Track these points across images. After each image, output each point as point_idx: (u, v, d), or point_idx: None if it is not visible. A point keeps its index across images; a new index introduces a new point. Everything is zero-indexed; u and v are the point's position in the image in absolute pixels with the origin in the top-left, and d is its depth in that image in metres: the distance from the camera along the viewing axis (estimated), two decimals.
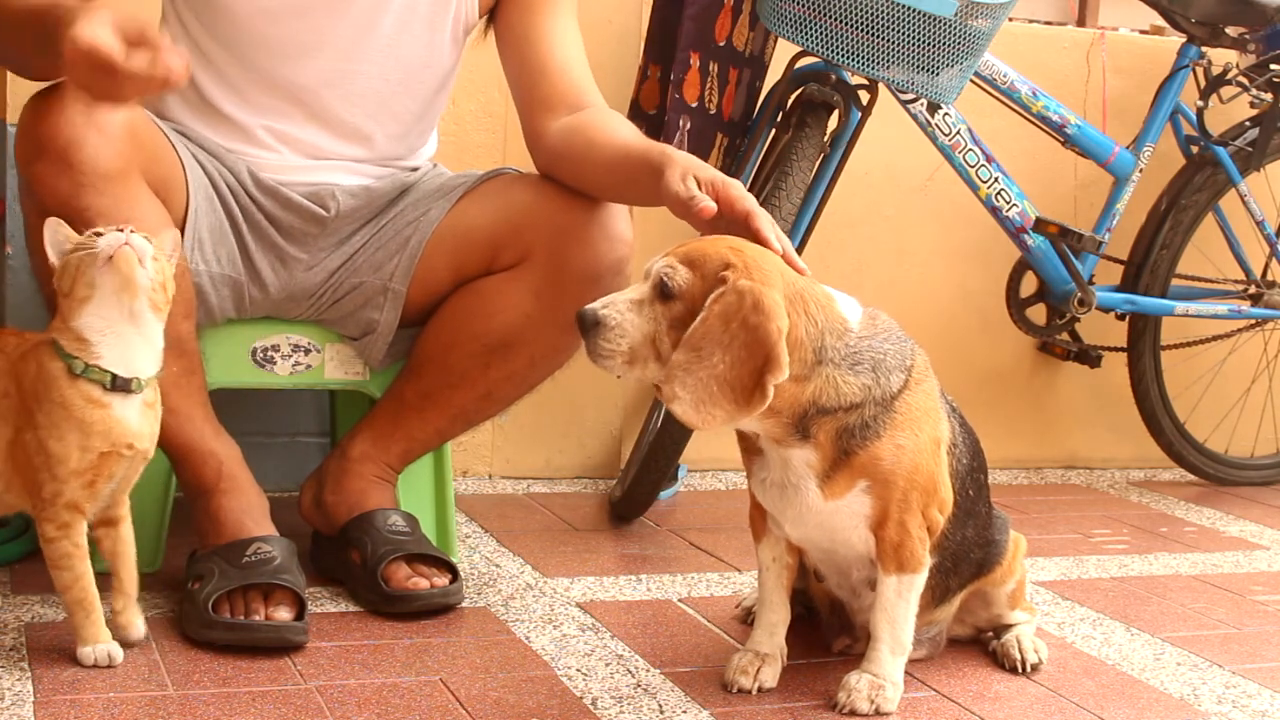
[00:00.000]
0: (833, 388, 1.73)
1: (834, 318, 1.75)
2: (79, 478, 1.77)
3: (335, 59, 2.11)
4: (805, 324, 1.71)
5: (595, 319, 1.74)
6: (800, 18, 2.56)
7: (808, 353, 1.71)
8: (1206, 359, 3.51)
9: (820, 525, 1.83)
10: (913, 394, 1.79)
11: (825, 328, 1.73)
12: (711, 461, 3.17)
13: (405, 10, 2.17)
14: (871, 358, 1.75)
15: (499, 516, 2.73)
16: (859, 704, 1.84)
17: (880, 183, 3.28)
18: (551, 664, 1.97)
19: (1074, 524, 2.98)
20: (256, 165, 2.16)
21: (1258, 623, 2.37)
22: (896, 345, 1.79)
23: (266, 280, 2.19)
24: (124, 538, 1.89)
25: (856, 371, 1.74)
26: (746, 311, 1.67)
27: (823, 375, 1.72)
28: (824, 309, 1.74)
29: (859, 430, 1.75)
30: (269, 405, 2.74)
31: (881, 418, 1.75)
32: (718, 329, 1.68)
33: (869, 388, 1.74)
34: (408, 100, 2.22)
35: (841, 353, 1.73)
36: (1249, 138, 3.25)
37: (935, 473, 1.82)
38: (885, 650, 1.86)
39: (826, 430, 1.74)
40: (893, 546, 1.82)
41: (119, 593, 1.89)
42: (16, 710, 1.69)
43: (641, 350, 1.74)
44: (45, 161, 1.89)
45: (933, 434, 1.81)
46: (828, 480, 1.77)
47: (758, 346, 1.66)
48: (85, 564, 1.81)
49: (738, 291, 1.68)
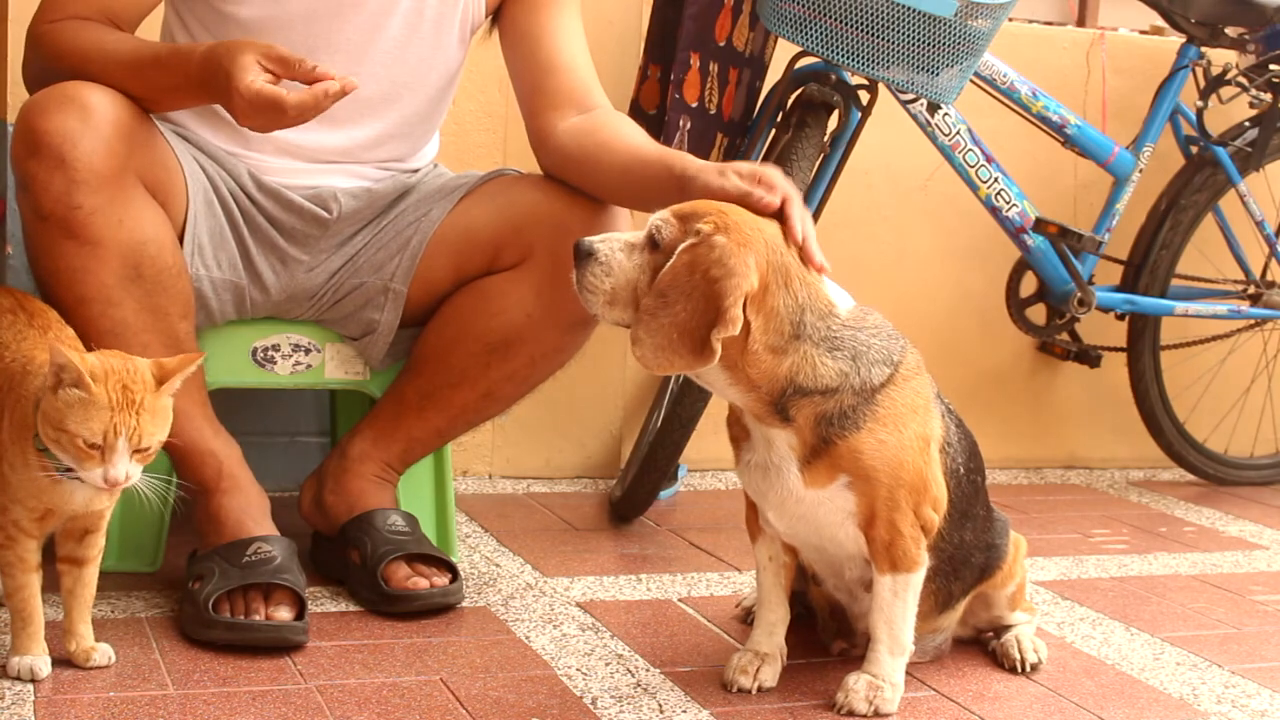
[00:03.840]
0: (810, 366, 1.74)
1: (818, 297, 1.76)
2: (27, 511, 1.73)
3: (343, 63, 2.10)
4: (784, 296, 1.73)
5: (589, 250, 1.78)
6: (800, 18, 2.56)
7: (784, 324, 1.73)
8: (1206, 359, 3.51)
9: (804, 517, 1.83)
10: (898, 390, 1.78)
11: (807, 304, 1.74)
12: (711, 461, 3.17)
13: (412, 13, 2.17)
14: (853, 346, 1.76)
15: (499, 516, 2.73)
16: (857, 704, 1.84)
17: (880, 183, 3.28)
18: (551, 664, 1.97)
19: (1074, 524, 2.98)
20: (257, 168, 2.16)
21: (1257, 623, 2.37)
22: (883, 341, 1.79)
23: (268, 282, 2.19)
24: (85, 580, 1.80)
25: (835, 356, 1.74)
26: (710, 264, 1.70)
27: (800, 351, 1.73)
28: (808, 286, 1.75)
29: (837, 419, 1.75)
30: (269, 405, 2.74)
31: (862, 409, 1.75)
32: (683, 277, 1.71)
33: (846, 374, 1.75)
34: (414, 102, 2.22)
35: (822, 333, 1.74)
36: (1249, 138, 3.25)
37: (924, 470, 1.81)
38: (884, 651, 1.86)
39: (805, 414, 1.75)
40: (884, 545, 1.82)
41: (69, 633, 1.81)
42: (16, 710, 1.69)
43: (622, 293, 1.77)
44: (39, 160, 1.89)
45: (919, 431, 1.80)
46: (808, 466, 1.78)
47: (714, 299, 1.68)
48: (28, 576, 1.75)
49: (708, 244, 1.71)
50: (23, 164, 1.91)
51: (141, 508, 2.20)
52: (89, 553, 1.81)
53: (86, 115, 1.90)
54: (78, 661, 1.82)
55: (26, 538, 1.75)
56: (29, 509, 1.73)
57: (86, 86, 1.92)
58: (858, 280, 3.24)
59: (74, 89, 1.91)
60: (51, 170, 1.89)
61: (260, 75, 1.85)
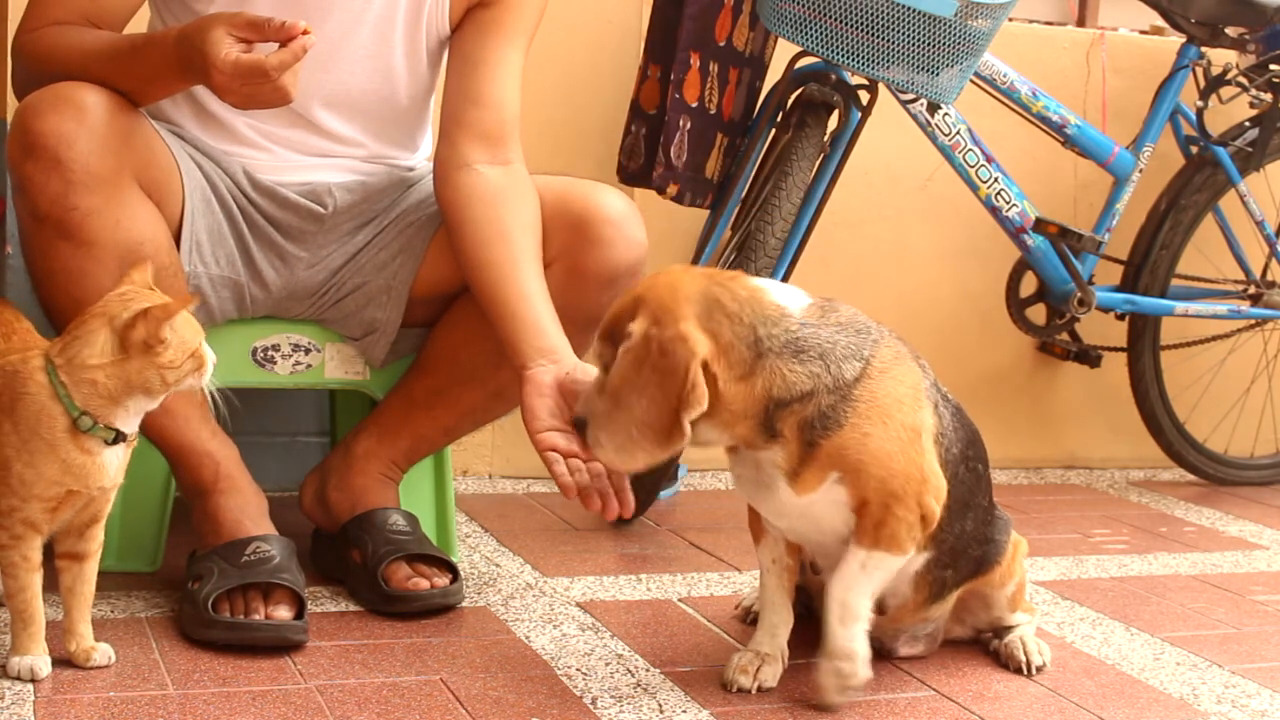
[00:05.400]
0: (779, 377, 1.73)
1: (762, 307, 1.74)
2: (43, 503, 1.74)
3: (313, 68, 2.09)
4: (729, 326, 1.72)
5: (581, 422, 1.82)
6: (800, 18, 2.56)
7: (743, 350, 1.72)
8: (1206, 359, 3.51)
9: (802, 516, 1.84)
10: (876, 383, 1.76)
11: (754, 320, 1.73)
12: (711, 461, 3.17)
13: (383, 23, 2.15)
14: (818, 345, 1.74)
15: (499, 516, 2.73)
16: (828, 697, 1.84)
17: (880, 183, 3.28)
18: (551, 664, 1.97)
19: (1074, 524, 2.98)
20: (251, 166, 2.16)
21: (1257, 623, 2.37)
22: (850, 336, 1.77)
23: (268, 279, 2.19)
24: (85, 576, 1.81)
25: (802, 360, 1.74)
26: (654, 356, 1.71)
27: (767, 367, 1.73)
28: (747, 303, 1.74)
29: (819, 421, 1.74)
30: (269, 405, 2.74)
31: (841, 407, 1.75)
32: (631, 376, 1.73)
33: (818, 375, 1.74)
34: (388, 110, 2.21)
35: (782, 340, 1.73)
36: (1249, 138, 3.25)
37: (919, 460, 1.79)
38: (834, 621, 1.82)
39: (789, 424, 1.75)
40: (873, 523, 1.79)
41: (70, 633, 1.82)
42: (16, 710, 1.69)
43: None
44: (35, 161, 1.89)
45: (906, 422, 1.78)
46: (796, 478, 1.77)
47: (671, 386, 1.70)
48: (31, 576, 1.76)
49: (643, 338, 1.73)
50: (18, 165, 1.91)
51: (141, 507, 2.21)
52: (90, 546, 1.82)
53: (82, 116, 1.89)
54: (78, 661, 1.82)
55: (34, 535, 1.75)
56: (46, 500, 1.74)
57: (81, 87, 1.92)
58: (858, 280, 3.27)
59: (68, 89, 1.91)
60: (47, 171, 1.89)
61: (234, 46, 1.83)
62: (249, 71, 1.82)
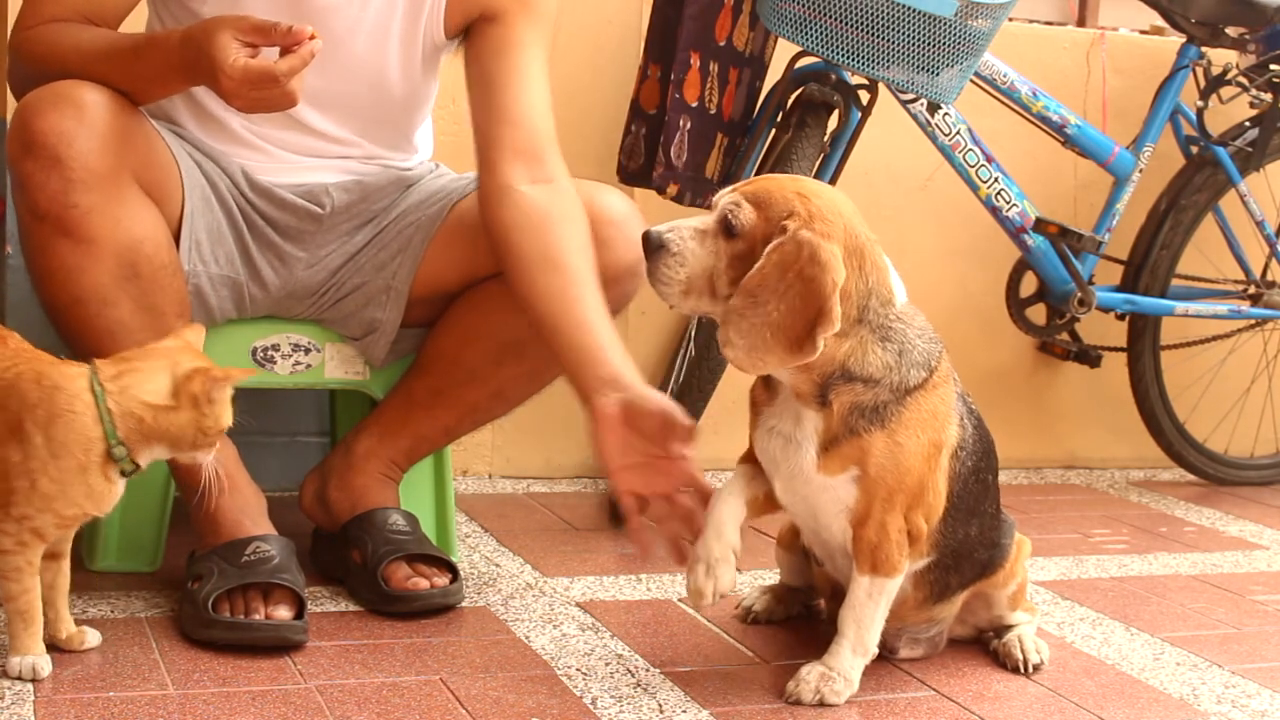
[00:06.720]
0: (862, 351, 1.76)
1: (884, 284, 1.78)
2: (58, 519, 1.77)
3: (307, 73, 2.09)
4: (857, 279, 1.75)
5: (660, 242, 1.78)
6: (800, 18, 2.56)
7: (852, 307, 1.75)
8: (1206, 359, 3.51)
9: (806, 499, 1.84)
10: (928, 395, 1.80)
11: (874, 290, 1.77)
12: (711, 461, 3.15)
13: (378, 30, 2.14)
14: (901, 341, 1.78)
15: (499, 516, 2.73)
16: (804, 694, 1.85)
17: (880, 183, 3.28)
18: (551, 664, 1.97)
19: (1074, 524, 2.98)
20: (249, 167, 2.15)
21: (1257, 623, 2.37)
22: (926, 343, 1.81)
23: (267, 279, 2.19)
24: (65, 571, 1.86)
25: (885, 347, 1.77)
26: (804, 263, 1.70)
27: (858, 335, 1.75)
28: (878, 271, 1.78)
29: (869, 412, 1.76)
30: (269, 405, 2.73)
31: (892, 408, 1.77)
32: (774, 278, 1.71)
33: (890, 368, 1.76)
34: (382, 112, 2.21)
35: (880, 320, 1.77)
36: (1249, 138, 3.25)
37: (926, 478, 1.82)
38: (846, 647, 1.86)
39: (842, 400, 1.76)
40: (870, 547, 1.82)
41: (57, 623, 1.86)
42: (16, 710, 1.69)
43: (698, 282, 1.78)
44: (35, 159, 1.89)
45: (934, 438, 1.81)
46: (826, 451, 1.79)
47: (812, 298, 1.69)
48: (34, 579, 1.78)
49: (797, 242, 1.71)
50: (18, 163, 1.91)
51: (141, 507, 2.20)
52: (67, 547, 1.87)
53: (81, 114, 1.89)
54: (73, 646, 1.86)
55: (40, 543, 1.78)
56: (63, 517, 1.77)
57: (80, 85, 1.92)
58: None
59: (68, 88, 1.91)
60: (47, 169, 1.89)
61: (241, 52, 1.83)
62: (259, 77, 1.83)
